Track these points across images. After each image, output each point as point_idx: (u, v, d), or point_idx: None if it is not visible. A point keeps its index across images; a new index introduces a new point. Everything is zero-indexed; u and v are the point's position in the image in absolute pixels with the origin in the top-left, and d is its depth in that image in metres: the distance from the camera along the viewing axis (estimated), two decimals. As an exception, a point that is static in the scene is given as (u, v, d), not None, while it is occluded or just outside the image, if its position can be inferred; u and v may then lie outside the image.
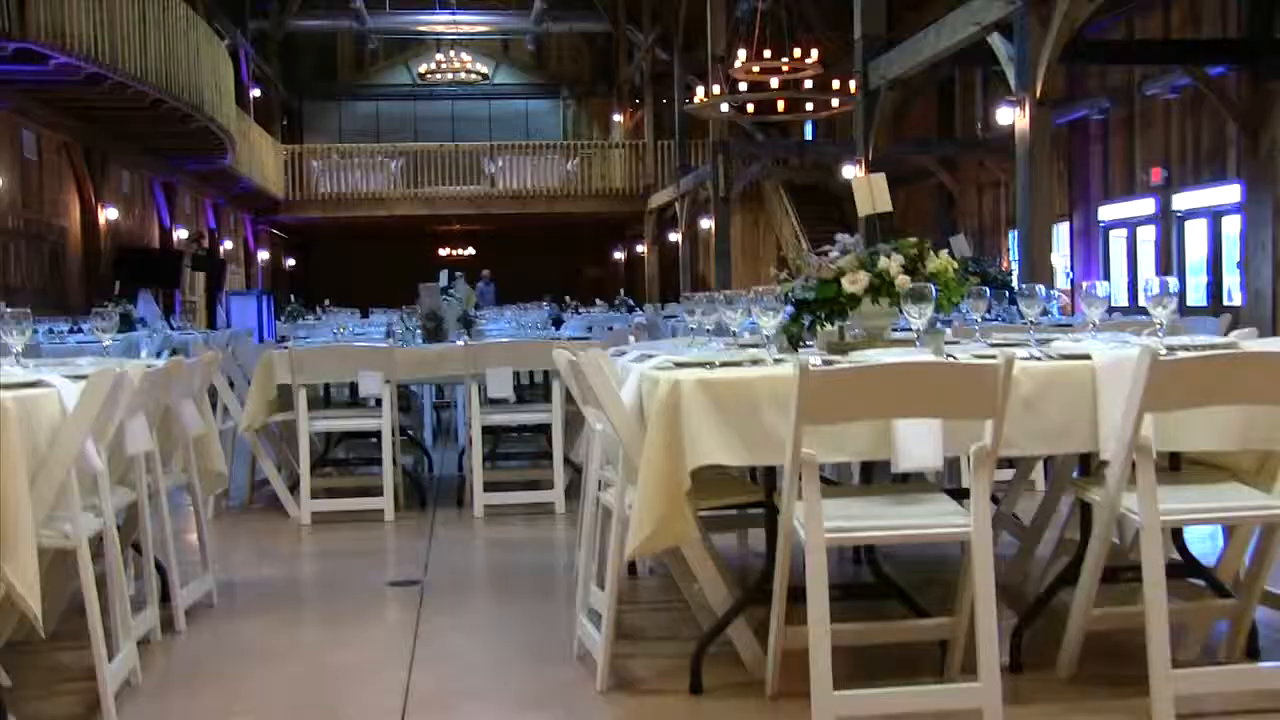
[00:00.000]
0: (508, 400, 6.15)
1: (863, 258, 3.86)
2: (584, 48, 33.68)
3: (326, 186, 27.80)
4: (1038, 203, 10.07)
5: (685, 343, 4.64)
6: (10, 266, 14.17)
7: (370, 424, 5.98)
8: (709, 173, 21.74)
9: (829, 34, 23.88)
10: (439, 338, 6.70)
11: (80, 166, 16.31)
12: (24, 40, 11.60)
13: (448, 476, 7.34)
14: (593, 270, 35.86)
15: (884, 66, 13.29)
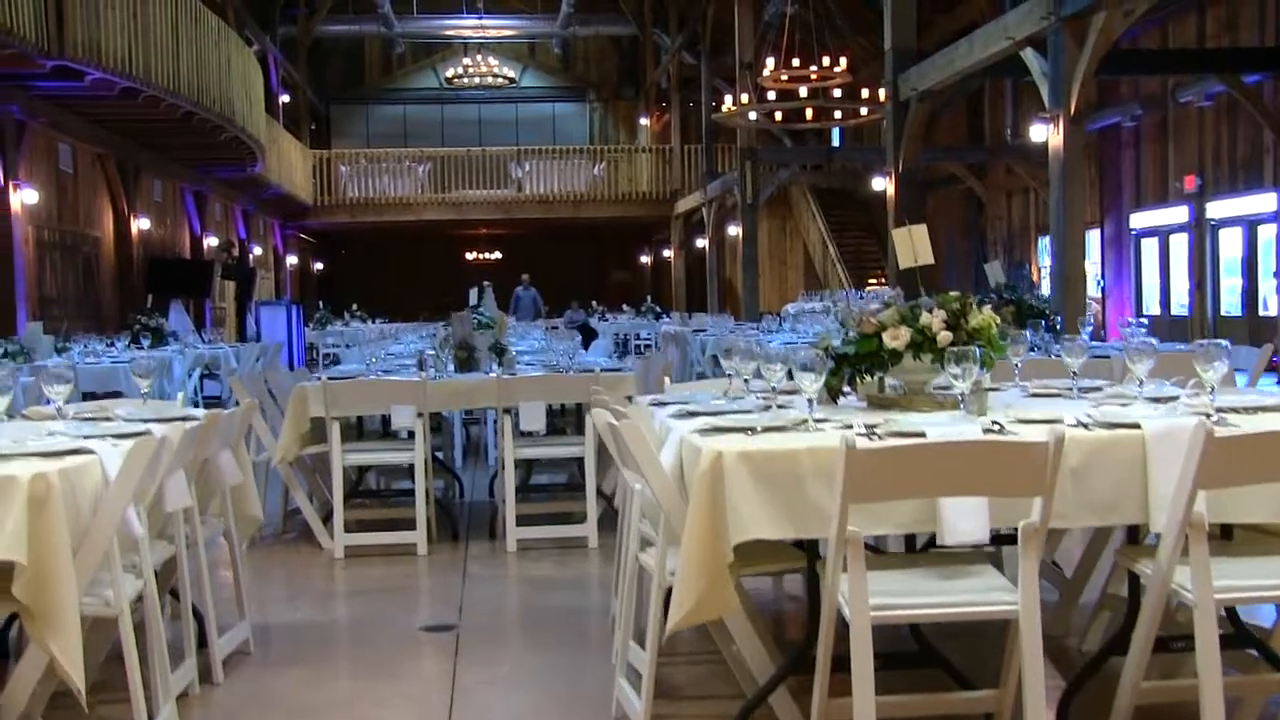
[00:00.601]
0: (540, 433, 6.13)
1: (904, 312, 3.81)
2: (610, 51, 33.67)
3: (355, 191, 27.90)
4: (1072, 221, 9.98)
5: (722, 387, 4.62)
6: (47, 278, 14.27)
7: (403, 458, 5.98)
8: (736, 179, 21.68)
9: (857, 38, 23.81)
10: (471, 367, 6.69)
11: (114, 177, 16.41)
12: (62, 58, 11.67)
13: (479, 503, 7.34)
14: (619, 274, 35.86)
15: (914, 78, 13.20)
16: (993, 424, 3.19)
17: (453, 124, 32.81)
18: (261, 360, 12.47)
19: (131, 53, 12.95)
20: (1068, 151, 10.07)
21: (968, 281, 20.97)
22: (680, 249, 28.59)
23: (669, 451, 3.36)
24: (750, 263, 21.33)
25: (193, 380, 10.36)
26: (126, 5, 12.95)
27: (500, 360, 6.89)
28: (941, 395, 3.84)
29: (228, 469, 4.12)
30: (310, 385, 5.94)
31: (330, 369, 7.01)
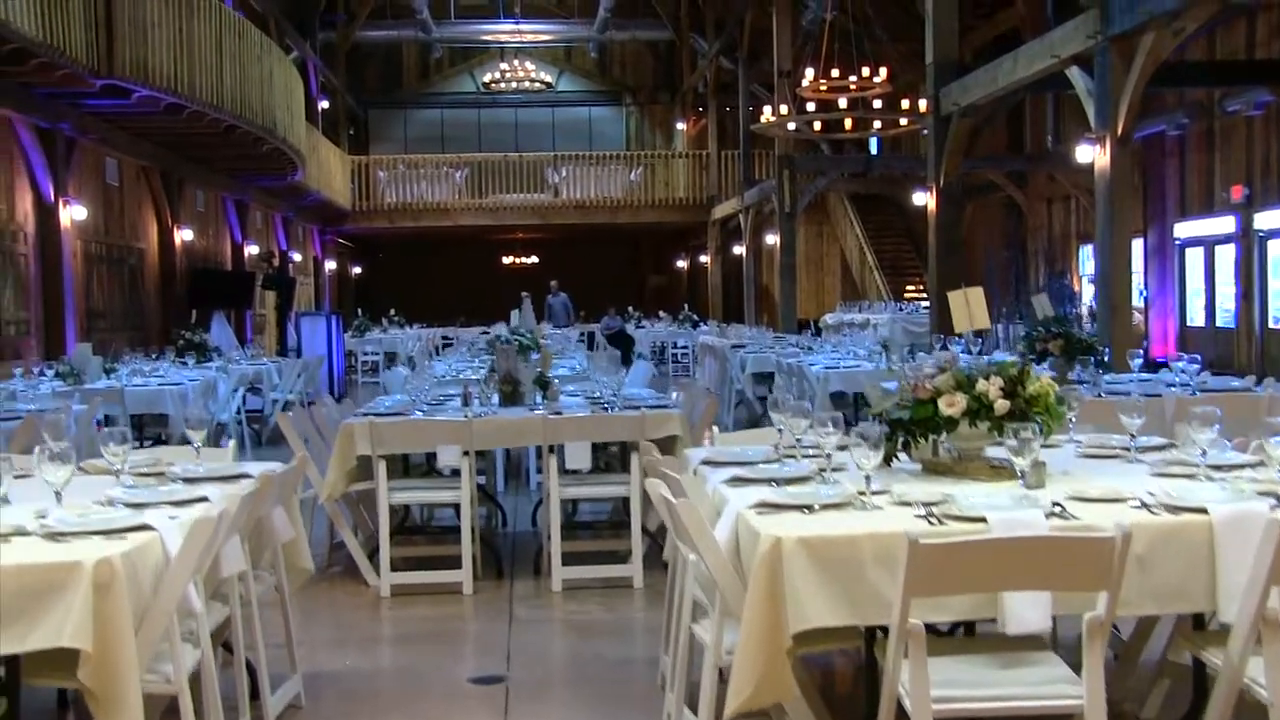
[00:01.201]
0: (585, 470, 6.13)
1: (960, 377, 3.78)
2: (647, 55, 33.64)
3: (393, 197, 28.01)
4: (1119, 243, 9.88)
5: (771, 439, 4.59)
6: (94, 290, 14.41)
7: (449, 496, 5.99)
8: (774, 187, 21.61)
9: (895, 44, 23.66)
10: (516, 401, 6.70)
11: (158, 189, 16.55)
12: (111, 77, 11.80)
13: (522, 534, 7.35)
14: (655, 278, 35.85)
15: (956, 93, 13.11)
16: (1054, 506, 3.15)
17: (489, 128, 32.89)
18: (303, 376, 12.55)
19: (177, 69, 13.06)
20: (1114, 173, 9.97)
21: (1007, 292, 20.82)
22: (717, 255, 28.54)
23: (725, 526, 3.34)
24: (788, 271, 21.26)
25: (236, 399, 10.41)
26: (172, 22, 13.06)
27: (544, 393, 6.90)
28: (998, 461, 3.81)
29: (280, 526, 4.14)
30: (357, 423, 5.96)
31: (375, 402, 7.02)
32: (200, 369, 10.96)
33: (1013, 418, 3.69)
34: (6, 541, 3.04)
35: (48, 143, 12.73)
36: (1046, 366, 7.19)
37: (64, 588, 2.80)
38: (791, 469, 3.87)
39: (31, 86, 11.65)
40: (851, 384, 9.44)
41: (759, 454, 4.26)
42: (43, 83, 11.52)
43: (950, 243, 13.49)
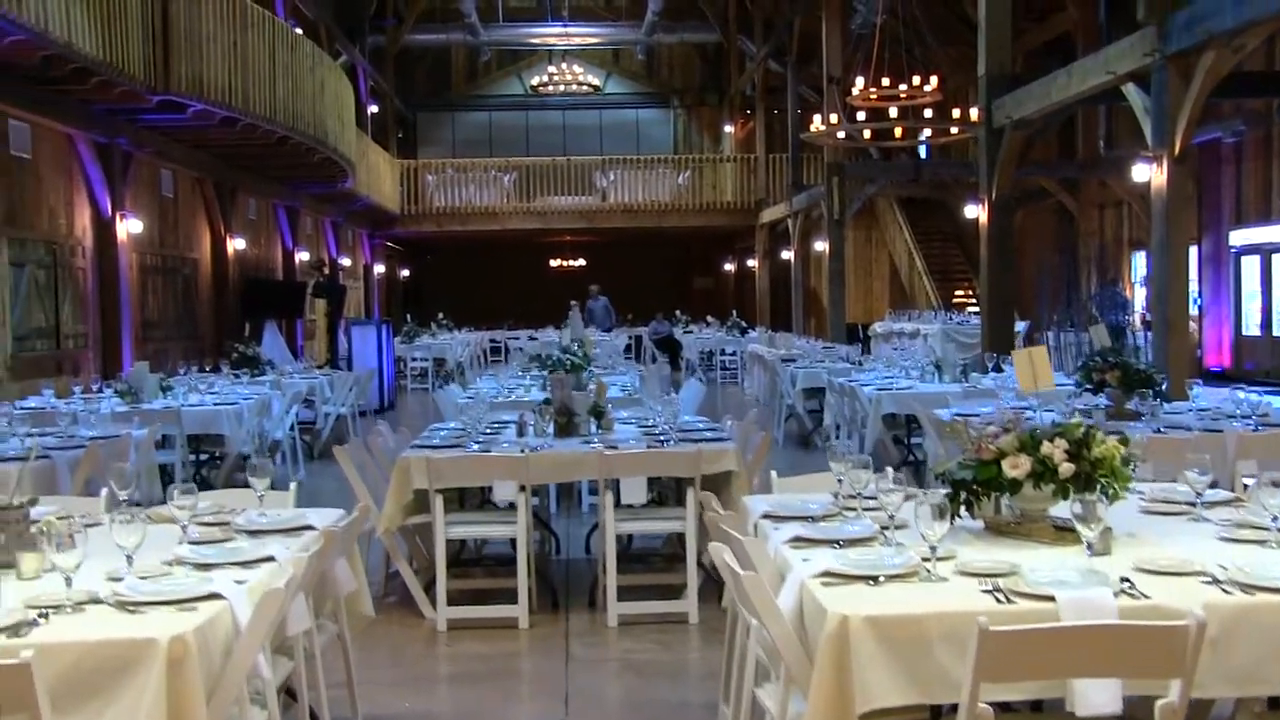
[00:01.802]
0: (640, 504, 6.14)
1: (1024, 438, 3.75)
2: (694, 57, 33.60)
3: (441, 201, 28.16)
4: (1176, 265, 9.76)
5: (831, 486, 4.57)
6: (149, 301, 14.60)
7: (506, 531, 6.02)
8: (823, 194, 21.52)
9: (945, 47, 23.47)
10: (571, 431, 6.72)
11: (211, 199, 16.74)
12: (167, 93, 11.95)
13: (576, 562, 7.37)
14: (703, 280, 35.83)
15: (1009, 106, 13.00)
16: (1122, 582, 3.12)
17: (537, 130, 32.99)
18: (355, 390, 12.65)
19: (231, 83, 13.20)
20: (1171, 192, 9.85)
21: (1058, 300, 20.62)
22: (765, 258, 28.46)
23: (789, 595, 3.34)
24: (837, 278, 21.18)
25: (290, 416, 10.52)
26: (226, 37, 13.20)
27: (599, 423, 6.91)
28: (1061, 521, 3.77)
29: (343, 577, 4.18)
30: (414, 457, 6.00)
31: (430, 431, 7.05)
32: (254, 384, 11.08)
33: (1078, 481, 3.66)
34: (81, 611, 3.08)
35: (105, 158, 12.90)
36: (1104, 397, 7.13)
37: (138, 664, 2.84)
38: (854, 528, 3.86)
39: (91, 103, 11.82)
40: (904, 406, 9.38)
41: (820, 507, 4.25)
42: (102, 99, 11.69)
43: (1002, 255, 13.38)
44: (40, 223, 11.89)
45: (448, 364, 22.19)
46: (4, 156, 11.22)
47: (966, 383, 9.78)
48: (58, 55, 9.99)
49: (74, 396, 9.81)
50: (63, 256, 12.31)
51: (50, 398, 9.69)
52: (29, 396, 10.12)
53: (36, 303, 11.72)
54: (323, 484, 10.83)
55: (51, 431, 7.26)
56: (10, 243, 11.26)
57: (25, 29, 9.22)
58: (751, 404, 17.91)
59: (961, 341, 16.81)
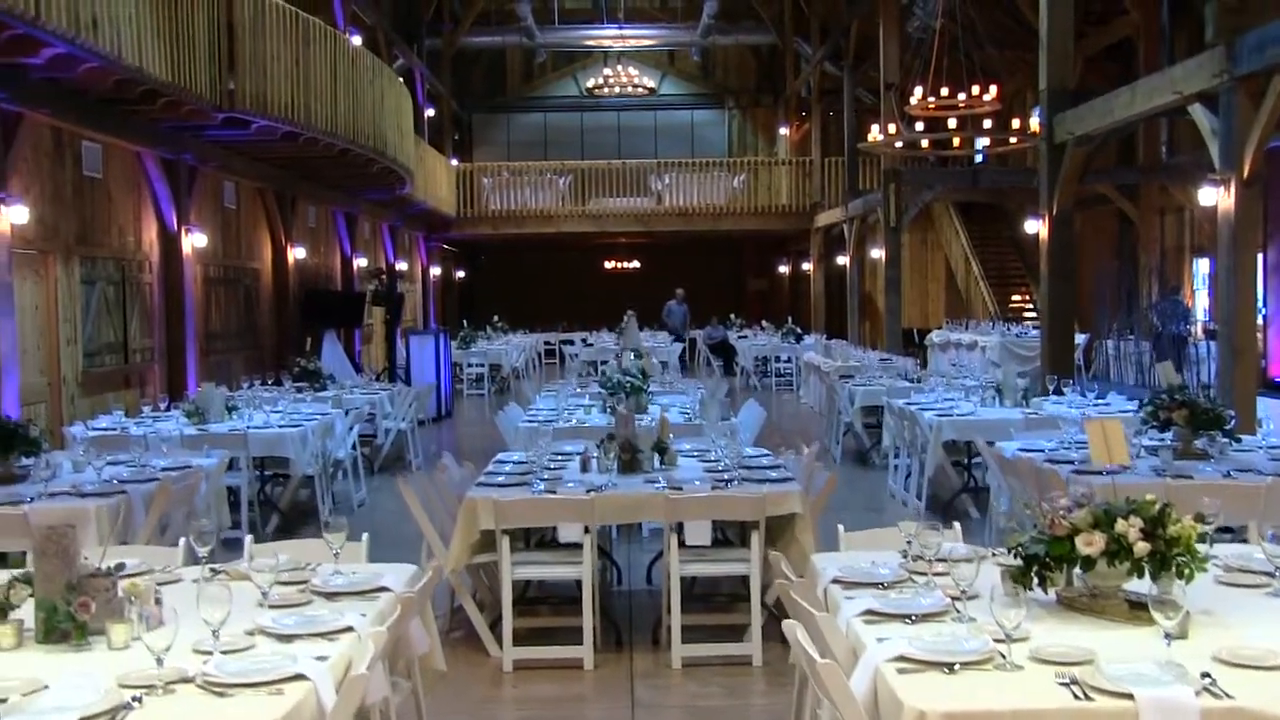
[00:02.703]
0: (705, 545, 6.17)
1: (1098, 515, 3.74)
2: (750, 58, 33.52)
3: (497, 204, 28.32)
4: (1243, 295, 9.64)
5: (898, 545, 4.58)
6: (211, 313, 14.81)
7: (571, 573, 6.07)
8: (879, 200, 21.41)
9: (1003, 51, 23.26)
10: (635, 467, 6.76)
11: (272, 209, 16.95)
12: (232, 110, 12.12)
13: (638, 594, 7.42)
14: (757, 281, 35.77)
15: (1071, 122, 12.87)
16: (1203, 678, 3.11)
17: (592, 131, 33.06)
18: (414, 405, 12.78)
19: (294, 98, 13.35)
20: (1239, 216, 9.72)
21: (1117, 308, 20.36)
22: (819, 262, 28.37)
23: (863, 677, 3.36)
24: (893, 286, 21.06)
25: (352, 435, 10.65)
26: (290, 53, 13.35)
27: (663, 459, 6.95)
28: (1136, 596, 3.76)
29: (417, 637, 4.25)
30: (480, 498, 6.07)
31: (495, 465, 7.11)
32: (317, 401, 11.23)
33: (1153, 560, 3.65)
34: (171, 692, 3.16)
35: (172, 174, 13.11)
36: (1170, 436, 7.07)
37: (230, 755, 2.92)
38: (926, 601, 3.86)
39: (158, 122, 12.01)
40: (965, 433, 9.34)
41: (890, 572, 4.26)
42: (169, 118, 11.86)
43: (1063, 272, 13.26)
44: (110, 240, 12.11)
45: (503, 370, 22.36)
46: (77, 178, 11.44)
47: (1028, 408, 9.71)
48: (129, 79, 10.16)
49: (143, 414, 10.01)
50: (131, 272, 12.53)
51: (120, 416, 9.90)
52: (99, 415, 10.32)
53: (105, 319, 11.94)
54: (383, 501, 10.97)
55: (124, 460, 7.41)
56: (82, 261, 11.48)
57: (100, 56, 9.40)
58: (808, 414, 17.90)
59: (1020, 354, 16.70)
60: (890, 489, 10.82)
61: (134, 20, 9.96)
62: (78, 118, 10.76)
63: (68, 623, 3.60)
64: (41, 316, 10.80)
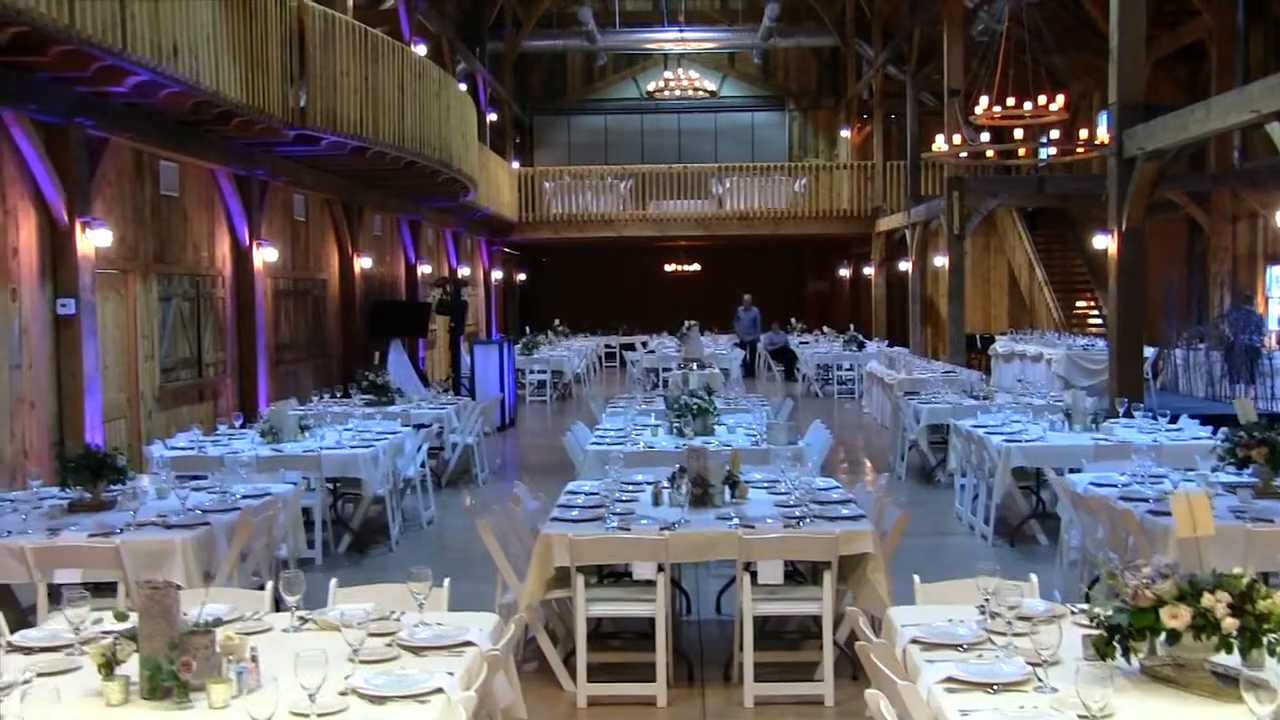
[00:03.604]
0: (777, 582, 6.21)
1: (1183, 587, 3.74)
2: (810, 60, 33.40)
3: (558, 208, 28.45)
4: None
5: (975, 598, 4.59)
6: (281, 325, 15.04)
7: (645, 610, 6.14)
8: (942, 207, 21.27)
9: (1069, 55, 23.03)
10: (706, 501, 6.81)
11: (340, 219, 17.17)
12: (303, 128, 12.32)
13: (708, 624, 7.48)
14: (817, 284, 35.66)
15: (1142, 137, 12.71)
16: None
17: (652, 134, 33.10)
18: (481, 419, 12.92)
19: (362, 114, 13.54)
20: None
21: (1187, 317, 20.12)
22: (881, 267, 28.24)
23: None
24: (957, 294, 20.91)
25: (421, 454, 10.79)
26: (359, 70, 13.53)
27: (734, 492, 7.00)
28: (1222, 668, 3.75)
29: (501, 691, 4.33)
30: (555, 534, 6.15)
31: (567, 495, 7.18)
32: (386, 418, 11.37)
33: (1243, 636, 3.64)
34: (273, 761, 3.27)
35: (244, 189, 13.33)
36: (1249, 473, 7.00)
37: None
38: (1007, 669, 3.87)
39: (232, 140, 12.23)
40: (1034, 460, 9.30)
41: (969, 632, 4.28)
42: (242, 136, 12.09)
43: (1132, 289, 13.09)
44: (185, 257, 12.35)
45: (565, 376, 22.49)
46: (155, 197, 11.67)
47: (1097, 432, 9.63)
48: (206, 102, 10.37)
49: (218, 433, 10.21)
50: (205, 288, 12.76)
51: (197, 434, 10.10)
52: (176, 431, 10.54)
53: (181, 334, 12.17)
54: (450, 519, 11.12)
55: (205, 485, 7.58)
56: (159, 278, 11.71)
57: (180, 81, 9.61)
58: (871, 425, 17.85)
59: (1087, 368, 16.54)
60: (957, 511, 10.78)
61: (211, 44, 10.17)
62: (157, 139, 10.99)
63: (171, 681, 3.73)
64: (121, 334, 11.04)
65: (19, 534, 6.24)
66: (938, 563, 9.21)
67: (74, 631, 4.26)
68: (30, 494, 7.25)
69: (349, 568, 9.21)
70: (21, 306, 9.31)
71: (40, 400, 9.51)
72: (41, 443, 9.51)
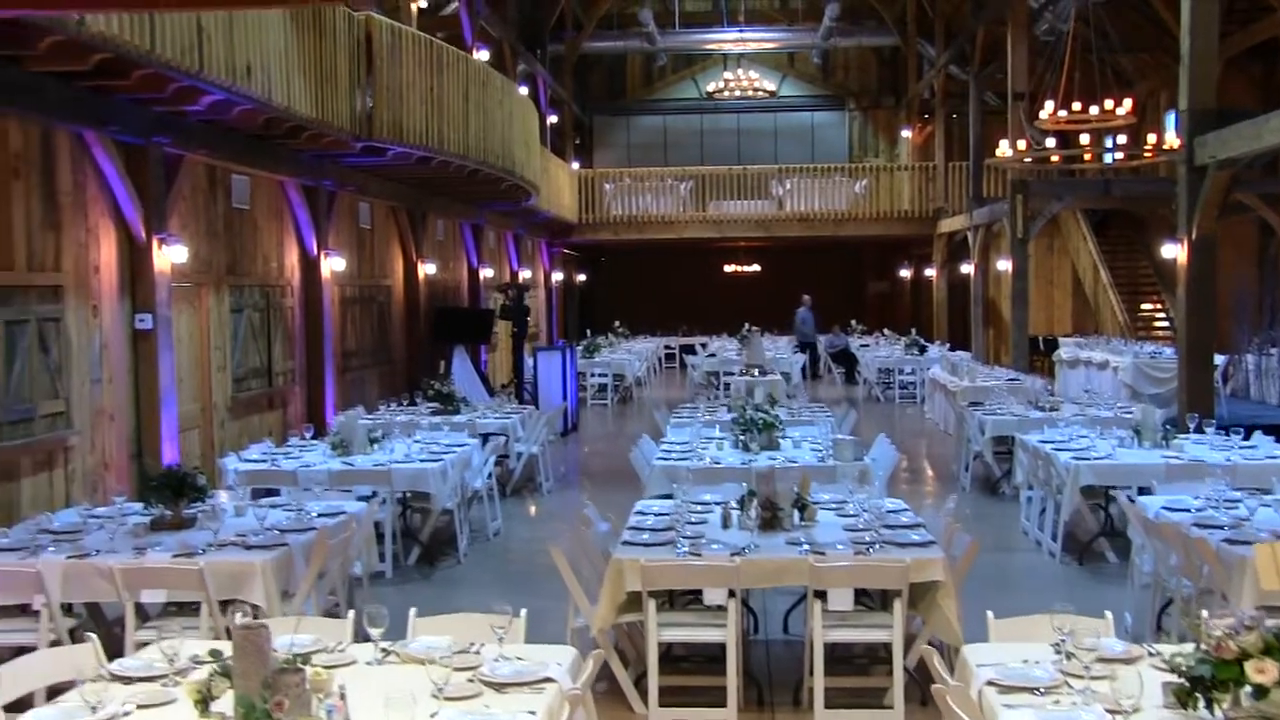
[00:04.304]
0: (847, 609, 6.24)
1: (1269, 640, 3.72)
2: (871, 59, 33.24)
3: (618, 209, 28.53)
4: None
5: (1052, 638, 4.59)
6: (347, 331, 15.24)
7: (716, 635, 6.19)
8: (1005, 210, 21.10)
9: (1136, 55, 22.73)
10: (775, 525, 6.85)
11: (404, 226, 17.37)
12: (370, 139, 12.48)
13: (775, 644, 7.51)
14: (877, 284, 35.50)
15: (1214, 145, 12.55)
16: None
17: (711, 134, 33.10)
18: (545, 427, 13.03)
19: (428, 124, 13.68)
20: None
21: (1260, 323, 19.80)
22: (942, 269, 28.05)
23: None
24: (1020, 298, 20.72)
25: (488, 465, 10.91)
26: (424, 82, 13.67)
27: (803, 515, 7.03)
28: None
29: (581, 726, 4.40)
30: (627, 559, 6.22)
31: (637, 517, 7.24)
32: (453, 429, 11.49)
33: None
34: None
35: (312, 200, 13.53)
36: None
37: None
38: (1086, 718, 3.88)
39: (301, 153, 12.42)
40: (1104, 478, 9.22)
41: (1046, 675, 4.28)
42: (311, 149, 12.27)
43: (1202, 301, 12.94)
44: (256, 268, 12.55)
45: (626, 379, 22.58)
46: (227, 210, 11.88)
47: (1168, 449, 9.53)
48: (277, 117, 10.55)
49: (289, 445, 10.40)
50: (274, 298, 12.97)
51: (269, 446, 10.30)
52: (248, 442, 10.74)
53: (251, 344, 12.38)
54: (516, 529, 11.25)
55: (280, 503, 7.74)
56: (231, 290, 11.93)
57: (253, 99, 9.78)
58: (934, 431, 17.77)
59: (1155, 376, 16.35)
60: (1023, 526, 10.72)
61: (282, 62, 10.34)
62: (230, 155, 11.20)
63: (264, 719, 3.83)
64: (195, 346, 11.26)
65: (107, 553, 6.42)
66: (1005, 581, 9.19)
67: (169, 663, 4.38)
68: (114, 510, 7.45)
69: (419, 581, 9.35)
70: (102, 322, 9.53)
71: (120, 413, 9.73)
72: (120, 454, 9.73)
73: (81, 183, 9.34)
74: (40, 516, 7.30)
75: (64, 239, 9.10)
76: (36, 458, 8.70)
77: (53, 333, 8.91)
